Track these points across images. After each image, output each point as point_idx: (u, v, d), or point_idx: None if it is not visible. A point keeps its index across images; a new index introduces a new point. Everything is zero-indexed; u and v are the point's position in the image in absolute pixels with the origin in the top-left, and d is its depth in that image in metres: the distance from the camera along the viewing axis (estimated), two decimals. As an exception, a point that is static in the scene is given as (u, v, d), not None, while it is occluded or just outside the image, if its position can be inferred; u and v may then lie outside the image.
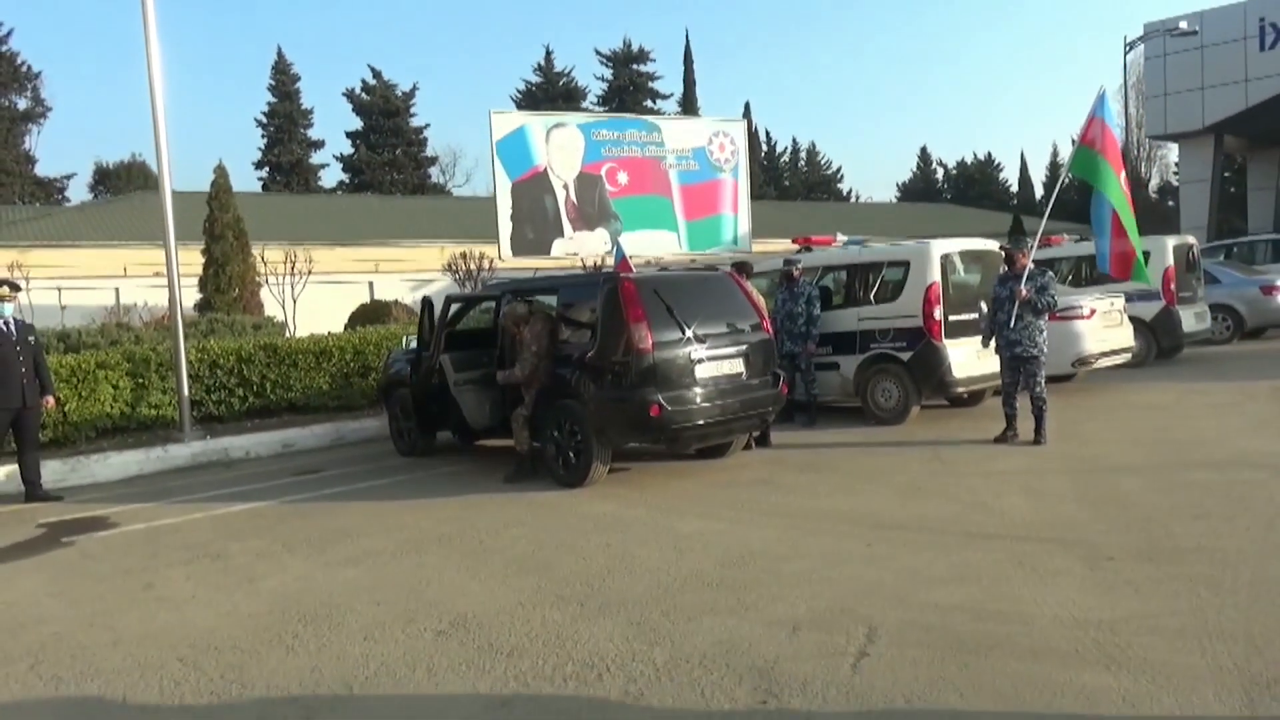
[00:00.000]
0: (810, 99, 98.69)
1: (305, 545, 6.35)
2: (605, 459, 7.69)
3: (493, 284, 10.53)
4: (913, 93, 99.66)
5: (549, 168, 18.22)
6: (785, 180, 63.63)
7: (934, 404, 10.59)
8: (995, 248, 10.14)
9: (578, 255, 18.01)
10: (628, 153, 18.91)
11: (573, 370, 7.76)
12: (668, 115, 43.84)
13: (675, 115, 44.67)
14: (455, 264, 22.82)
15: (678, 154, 19.32)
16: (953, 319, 9.70)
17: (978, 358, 9.44)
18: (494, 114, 18.00)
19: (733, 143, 20.01)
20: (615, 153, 18.79)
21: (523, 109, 44.71)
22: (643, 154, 19.04)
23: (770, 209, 39.94)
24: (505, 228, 17.84)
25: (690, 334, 7.55)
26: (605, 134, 18.96)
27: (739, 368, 7.87)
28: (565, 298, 8.50)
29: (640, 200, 18.94)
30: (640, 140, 19.14)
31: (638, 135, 19.24)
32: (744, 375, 7.89)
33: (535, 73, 54.58)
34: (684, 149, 19.41)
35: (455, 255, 23.12)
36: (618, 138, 18.98)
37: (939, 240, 10.32)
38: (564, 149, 18.35)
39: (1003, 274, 8.65)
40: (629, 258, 8.88)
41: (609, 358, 7.48)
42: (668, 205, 19.23)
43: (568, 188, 18.34)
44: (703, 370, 7.59)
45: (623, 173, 18.79)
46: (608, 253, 17.02)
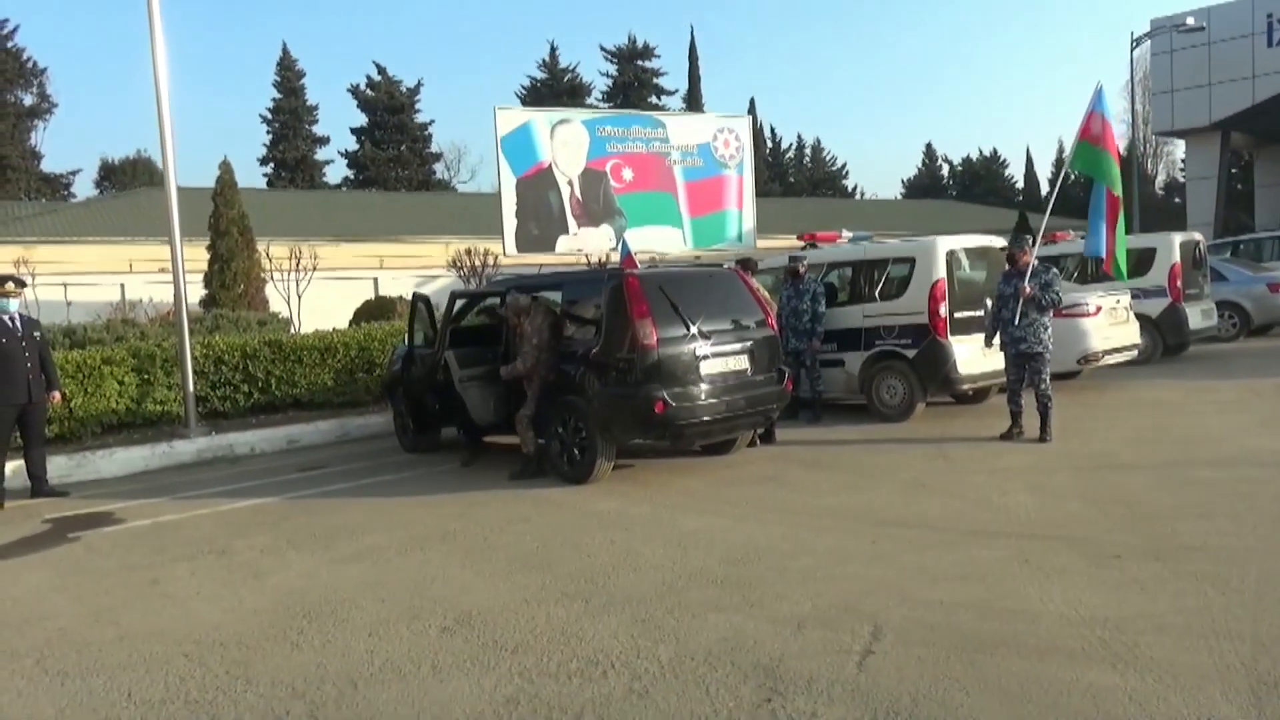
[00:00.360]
0: (815, 95, 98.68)
1: (310, 541, 6.36)
2: (610, 455, 7.68)
3: (497, 280, 10.53)
4: (918, 89, 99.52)
5: (554, 164, 18.20)
6: (790, 177, 63.54)
7: (939, 401, 10.57)
8: (1000, 245, 10.12)
9: (582, 252, 17.99)
10: (632, 149, 18.89)
11: (577, 366, 7.76)
12: (672, 111, 43.79)
13: (680, 111, 44.59)
14: (460, 260, 22.83)
15: (682, 150, 19.30)
16: (958, 316, 9.68)
17: (983, 355, 9.41)
18: (499, 110, 17.98)
19: (738, 139, 19.97)
20: (620, 149, 18.77)
21: (528, 105, 44.63)
22: (647, 150, 19.02)
23: (775, 205, 39.86)
24: (510, 224, 17.83)
25: (695, 330, 7.54)
26: (610, 130, 18.94)
27: (744, 364, 7.86)
28: (570, 294, 8.49)
29: (645, 197, 18.92)
30: (645, 136, 19.12)
31: (642, 131, 19.22)
32: (749, 372, 7.88)
33: (540, 69, 54.56)
34: (689, 145, 19.39)
35: (460, 251, 23.13)
36: (622, 134, 18.96)
37: (944, 237, 10.30)
38: (569, 145, 18.33)
39: (1007, 271, 8.63)
40: (633, 254, 8.87)
41: (614, 354, 7.47)
42: (672, 202, 19.21)
43: (572, 184, 18.33)
44: (707, 367, 7.58)
45: (627, 169, 18.77)
46: (613, 249, 17.01)
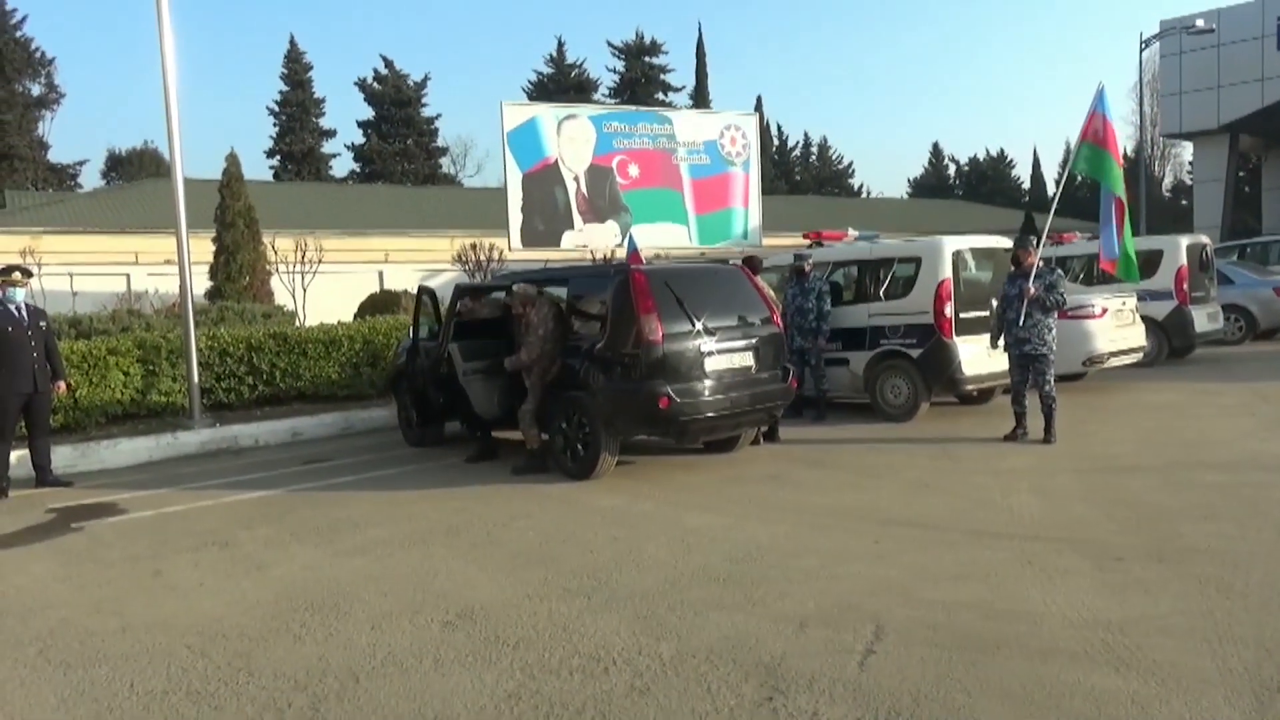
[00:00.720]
0: (822, 94, 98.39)
1: (313, 534, 6.37)
2: (614, 451, 7.68)
3: (503, 275, 10.52)
4: (925, 89, 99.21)
5: (560, 159, 18.17)
6: (796, 175, 63.43)
7: (943, 401, 10.56)
8: (1006, 245, 10.10)
9: (587, 248, 17.98)
10: (639, 145, 18.85)
11: (582, 361, 7.75)
12: (679, 108, 43.72)
13: (687, 108, 44.55)
14: (465, 255, 22.82)
15: (689, 147, 19.25)
16: (963, 316, 9.67)
17: (988, 355, 9.39)
18: (505, 105, 17.96)
19: (744, 136, 19.93)
20: (626, 145, 18.73)
21: (534, 100, 44.65)
22: (654, 146, 18.98)
23: (781, 203, 39.81)
24: (515, 219, 17.81)
25: (700, 326, 7.54)
26: (616, 126, 18.90)
27: (749, 361, 7.85)
28: (575, 289, 8.49)
29: (651, 193, 18.88)
30: (651, 133, 19.07)
31: (649, 128, 19.17)
32: (753, 369, 7.88)
33: (547, 64, 54.48)
34: (695, 142, 19.34)
35: (465, 246, 23.12)
36: (629, 130, 18.91)
37: (951, 237, 10.29)
38: (575, 141, 18.29)
39: (1011, 272, 8.62)
40: (639, 249, 8.85)
41: (619, 349, 7.47)
42: (678, 198, 19.17)
43: (578, 180, 18.29)
44: (712, 363, 7.58)
45: (633, 165, 18.73)
46: (618, 245, 16.99)
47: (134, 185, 36.93)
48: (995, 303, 9.08)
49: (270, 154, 50.68)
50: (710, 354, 7.57)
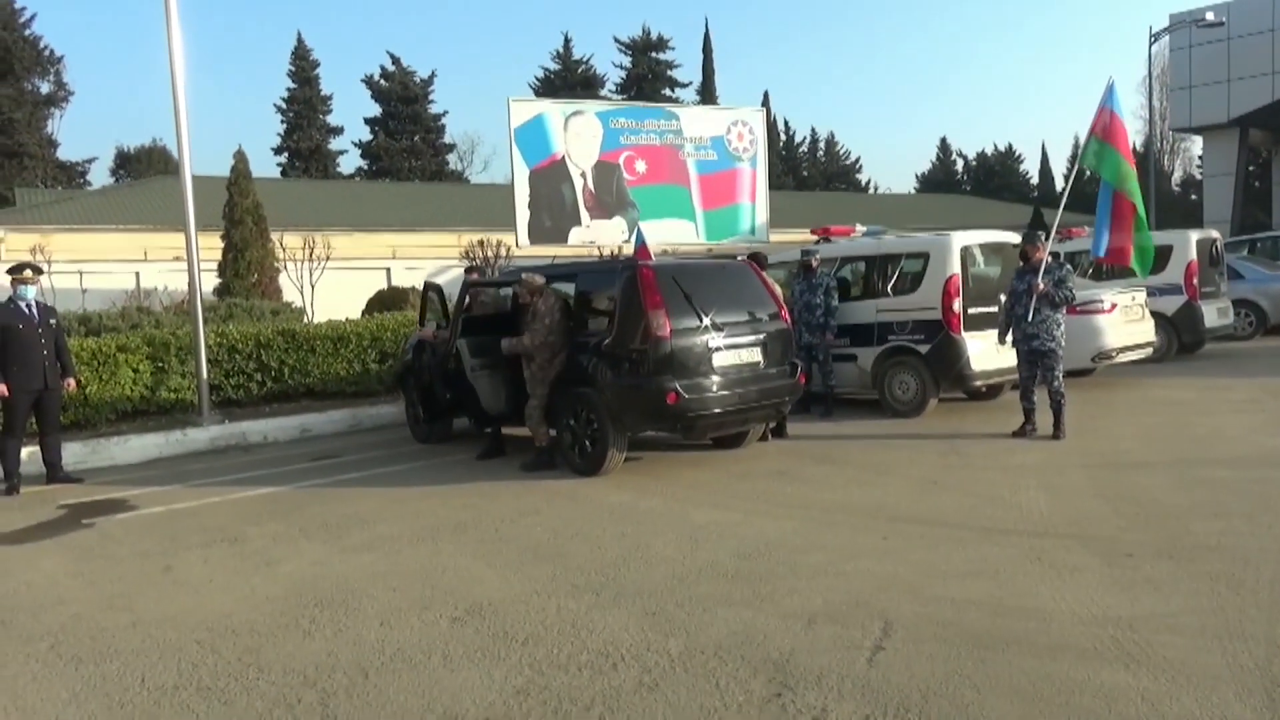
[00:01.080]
0: (829, 89, 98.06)
1: (322, 530, 6.39)
2: (621, 447, 7.68)
3: (510, 270, 10.53)
4: (933, 84, 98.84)
5: (567, 156, 18.16)
6: (804, 170, 63.28)
7: (952, 397, 10.54)
8: (1015, 241, 10.06)
9: (594, 244, 17.98)
10: (646, 141, 18.83)
11: (590, 357, 7.75)
12: (686, 104, 43.67)
13: (694, 104, 44.47)
14: (472, 251, 22.84)
15: (696, 143, 19.23)
16: (972, 312, 9.64)
17: (996, 351, 9.36)
18: (512, 101, 17.94)
19: (751, 132, 19.89)
20: (633, 141, 18.71)
21: (541, 96, 44.63)
22: (661, 142, 18.96)
23: (788, 199, 39.74)
24: (523, 215, 17.81)
25: (708, 322, 7.53)
26: (623, 122, 18.88)
27: (756, 357, 7.84)
28: (583, 284, 8.48)
29: (658, 189, 18.86)
30: (658, 129, 19.04)
31: (656, 124, 19.14)
32: (761, 364, 7.87)
33: (554, 60, 54.42)
34: (702, 138, 19.32)
35: (472, 242, 23.14)
36: (636, 126, 18.89)
37: (959, 232, 10.27)
38: (582, 137, 18.28)
39: (1020, 267, 8.59)
40: (647, 245, 8.84)
41: (626, 345, 7.46)
42: (685, 194, 19.14)
43: (585, 176, 18.28)
44: (720, 359, 7.57)
45: (641, 161, 18.71)
46: (625, 241, 16.98)
47: (142, 183, 37.08)
48: (1004, 298, 9.05)
49: (278, 151, 50.81)
50: (718, 349, 7.56)
